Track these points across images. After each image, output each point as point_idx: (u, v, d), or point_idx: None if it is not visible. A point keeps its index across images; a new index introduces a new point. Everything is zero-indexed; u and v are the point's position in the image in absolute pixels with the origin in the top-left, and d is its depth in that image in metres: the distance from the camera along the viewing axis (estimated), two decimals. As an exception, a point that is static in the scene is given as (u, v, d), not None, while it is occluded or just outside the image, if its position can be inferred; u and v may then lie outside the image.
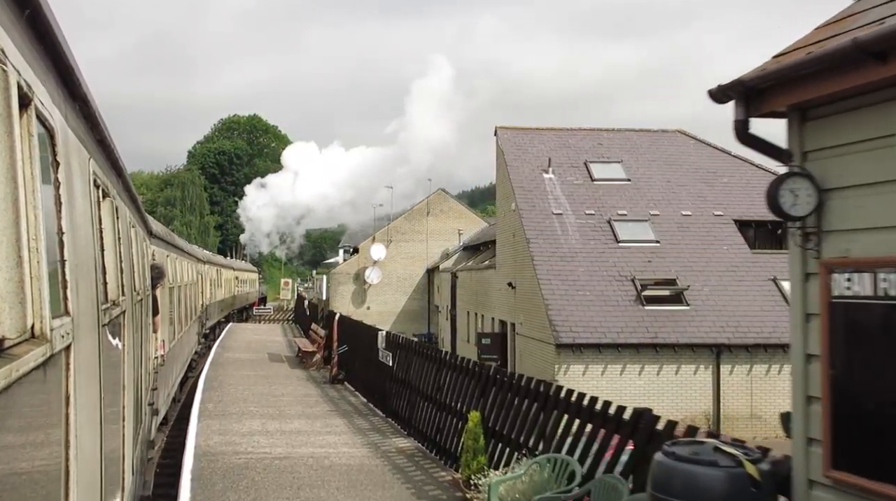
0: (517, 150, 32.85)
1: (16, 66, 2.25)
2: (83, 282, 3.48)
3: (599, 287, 26.58)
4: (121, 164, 6.23)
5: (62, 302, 2.93)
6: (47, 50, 2.87)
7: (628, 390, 24.63)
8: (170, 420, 16.88)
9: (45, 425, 2.57)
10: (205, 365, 22.82)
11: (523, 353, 28.93)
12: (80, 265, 3.41)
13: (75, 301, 3.11)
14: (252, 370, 22.08)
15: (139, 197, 9.52)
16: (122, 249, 5.73)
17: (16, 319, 2.19)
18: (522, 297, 29.28)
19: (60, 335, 2.70)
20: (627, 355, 24.72)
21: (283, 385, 19.14)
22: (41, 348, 2.36)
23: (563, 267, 27.35)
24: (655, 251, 28.21)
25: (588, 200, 30.40)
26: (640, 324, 25.26)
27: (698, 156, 33.09)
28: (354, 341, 19.00)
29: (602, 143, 33.75)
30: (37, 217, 2.40)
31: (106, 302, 4.43)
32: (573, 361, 24.71)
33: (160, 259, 12.53)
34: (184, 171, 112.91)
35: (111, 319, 4.64)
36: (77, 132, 3.65)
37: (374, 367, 16.41)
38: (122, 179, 6.69)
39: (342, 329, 19.97)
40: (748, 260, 27.84)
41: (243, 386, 18.56)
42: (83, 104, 3.81)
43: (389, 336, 14.76)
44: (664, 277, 27.19)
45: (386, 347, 14.63)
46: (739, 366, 24.84)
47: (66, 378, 2.90)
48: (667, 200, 30.58)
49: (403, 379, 13.65)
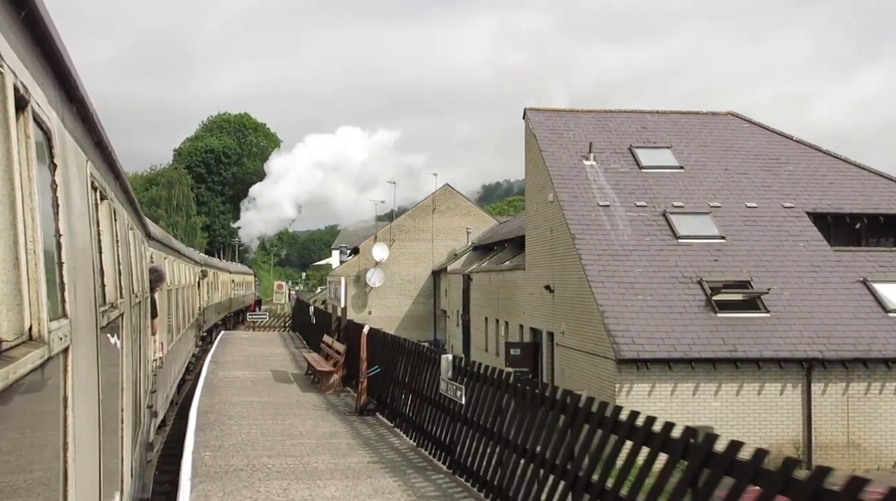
0: (551, 135, 28.84)
1: (12, 67, 2.27)
2: (81, 285, 3.47)
3: (661, 290, 22.60)
4: (118, 166, 6.11)
5: (60, 305, 2.93)
6: (44, 52, 2.85)
7: (703, 413, 20.69)
8: (168, 423, 16.82)
9: (43, 427, 2.58)
10: (196, 389, 18.64)
11: (567, 368, 24.90)
12: (79, 267, 3.41)
13: (73, 303, 3.12)
14: (256, 394, 17.93)
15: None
16: (121, 252, 5.70)
17: (13, 321, 2.20)
18: (564, 302, 25.27)
19: (58, 337, 2.71)
20: (702, 372, 20.75)
21: (300, 417, 15.00)
22: (39, 350, 2.35)
23: (617, 267, 23.36)
24: (721, 248, 24.26)
25: (637, 190, 26.43)
26: (713, 335, 21.30)
27: (756, 140, 29.18)
28: (389, 360, 14.92)
29: (646, 127, 29.79)
30: (34, 219, 2.42)
31: (104, 305, 4.38)
32: (637, 379, 20.73)
33: (158, 261, 12.57)
34: (170, 170, 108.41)
35: (109, 321, 4.61)
36: (74, 134, 3.64)
37: (425, 400, 12.31)
38: (120, 181, 6.61)
39: (373, 345, 15.86)
40: (829, 258, 23.92)
41: (248, 422, 14.42)
42: (80, 106, 3.78)
43: (459, 362, 10.68)
44: (734, 278, 23.24)
45: (454, 377, 10.56)
46: (833, 385, 20.90)
47: (64, 380, 2.89)
48: (727, 190, 26.65)
49: (487, 427, 9.57)
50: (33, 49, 2.69)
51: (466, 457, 10.16)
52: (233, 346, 31.08)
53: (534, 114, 29.93)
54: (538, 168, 28.49)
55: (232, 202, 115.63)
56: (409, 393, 13.28)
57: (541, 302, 28.05)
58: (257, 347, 30.89)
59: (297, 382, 20.13)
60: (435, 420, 11.68)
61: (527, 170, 30.40)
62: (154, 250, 12.29)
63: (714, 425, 20.32)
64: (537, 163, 28.58)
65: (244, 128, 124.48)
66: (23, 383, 2.16)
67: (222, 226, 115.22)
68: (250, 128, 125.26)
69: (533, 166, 29.47)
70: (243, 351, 29.15)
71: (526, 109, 30.24)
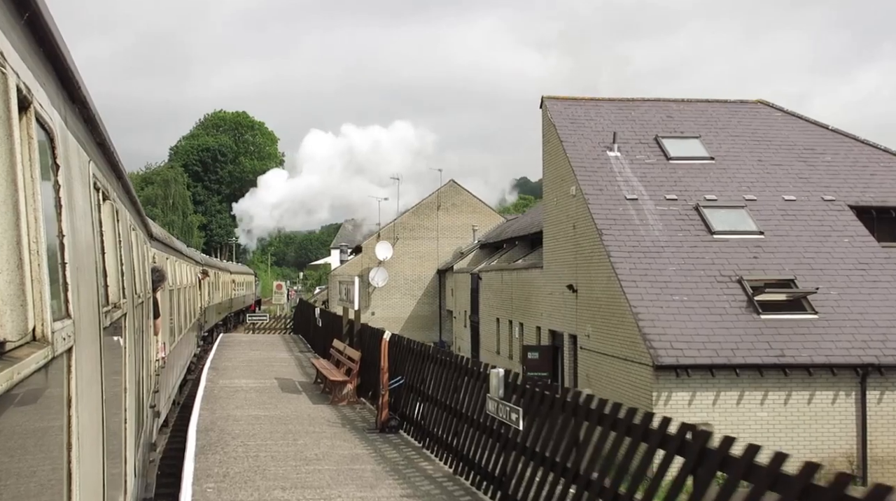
0: (571, 124, 27.07)
1: (15, 68, 2.26)
2: (84, 285, 3.45)
3: (698, 290, 20.86)
4: (121, 167, 6.07)
5: (63, 305, 2.91)
6: (47, 52, 2.85)
7: (748, 425, 18.97)
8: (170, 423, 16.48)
9: (46, 427, 2.56)
10: (195, 400, 16.82)
11: (593, 374, 23.15)
12: (82, 268, 3.39)
13: (77, 304, 3.11)
14: (262, 407, 16.13)
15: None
16: (123, 252, 5.69)
17: (17, 321, 2.19)
18: (590, 303, 23.52)
19: (62, 337, 2.69)
20: (747, 379, 19.00)
21: (313, 436, 13.19)
22: (43, 350, 2.35)
23: (649, 264, 21.61)
24: (760, 244, 22.52)
25: (666, 183, 24.69)
26: (758, 338, 19.56)
27: (789, 130, 27.44)
28: (415, 371, 13.14)
29: (672, 116, 28.04)
30: (37, 219, 2.41)
31: (107, 305, 4.37)
32: (676, 387, 18.98)
33: (160, 262, 12.53)
34: (166, 169, 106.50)
35: (112, 322, 4.58)
36: (77, 135, 3.62)
37: (464, 421, 10.52)
38: (123, 182, 6.54)
39: (394, 353, 14.05)
40: (878, 254, 22.19)
41: (256, 442, 12.62)
42: (83, 107, 3.75)
43: (514, 379, 8.89)
44: (776, 277, 21.50)
45: (506, 396, 8.78)
46: (891, 393, 19.17)
47: (67, 380, 2.88)
48: (762, 182, 24.91)
49: (556, 460, 7.78)
50: (36, 50, 2.69)
51: (525, 494, 8.37)
52: (232, 350, 29.24)
53: (552, 103, 28.16)
54: (558, 159, 26.72)
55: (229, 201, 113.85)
56: (441, 411, 11.48)
57: (562, 303, 26.29)
58: (259, 351, 29.05)
59: (306, 392, 18.33)
60: (479, 445, 9.87)
61: (545, 162, 28.62)
62: (156, 251, 12.33)
63: (760, 437, 18.59)
64: (557, 154, 26.83)
65: (241, 126, 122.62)
66: (26, 383, 2.15)
67: (219, 225, 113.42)
68: (247, 126, 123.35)
69: (552, 158, 27.70)
70: (244, 355, 27.31)
71: (543, 98, 28.47)
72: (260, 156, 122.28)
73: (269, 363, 24.76)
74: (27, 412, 2.25)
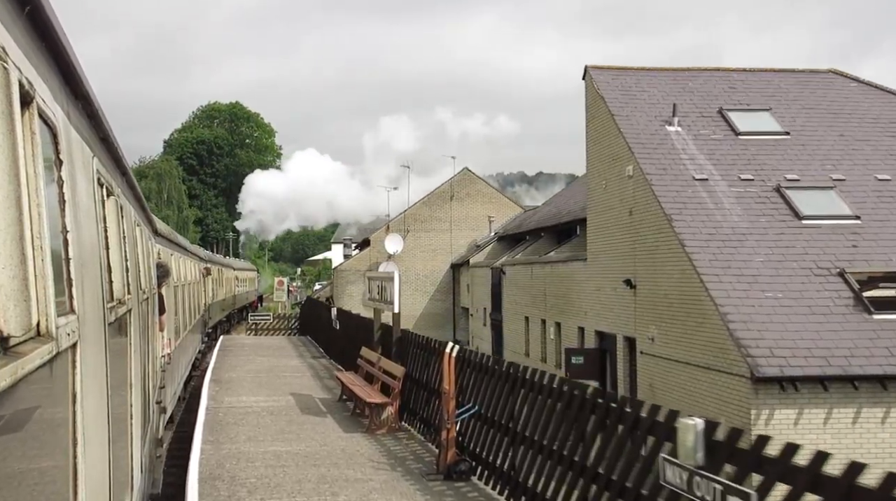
0: (623, 96, 23.67)
1: (17, 63, 2.23)
2: (88, 281, 3.42)
3: (793, 285, 17.51)
4: (125, 163, 6.04)
5: (68, 301, 2.88)
6: (49, 47, 2.81)
7: (866, 448, 15.61)
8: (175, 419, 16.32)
9: (52, 423, 2.53)
10: (195, 432, 13.33)
11: (659, 384, 19.77)
12: (86, 263, 3.36)
13: (81, 299, 3.07)
14: (281, 438, 12.66)
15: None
16: (128, 248, 5.66)
17: (21, 317, 2.15)
18: (655, 300, 20.15)
19: (66, 333, 2.65)
20: (866, 393, 15.67)
21: (357, 487, 9.73)
22: (47, 346, 2.31)
23: (731, 255, 18.26)
24: (858, 231, 19.17)
25: (738, 161, 21.32)
26: (874, 343, 16.22)
27: (870, 102, 24.07)
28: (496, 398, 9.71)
29: (735, 87, 24.64)
30: (40, 215, 2.38)
31: (112, 301, 4.33)
32: (779, 404, 15.63)
33: (165, 258, 12.49)
34: (160, 162, 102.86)
35: (117, 317, 4.56)
36: (80, 130, 3.59)
37: (611, 488, 7.10)
38: (126, 177, 6.50)
39: (465, 373, 10.60)
40: None
41: (277, 499, 9.21)
42: (86, 102, 3.74)
43: (728, 436, 5.49)
44: (883, 269, 18.16)
45: (709, 464, 5.38)
46: None
47: (72, 376, 2.84)
48: (849, 160, 21.55)
49: None
50: (38, 44, 2.65)
51: None
52: (236, 357, 25.73)
53: (598, 73, 24.74)
54: (609, 136, 23.31)
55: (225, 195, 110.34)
56: (553, 462, 8.04)
57: (614, 300, 22.92)
58: (266, 357, 25.54)
59: (332, 414, 14.89)
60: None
61: (589, 140, 25.19)
62: (161, 247, 12.21)
63: (882, 462, 15.31)
64: (606, 130, 23.42)
65: (236, 117, 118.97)
66: (31, 379, 2.11)
67: (216, 219, 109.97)
68: (242, 117, 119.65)
69: (599, 135, 24.28)
70: (250, 363, 23.82)
71: (587, 67, 25.05)
72: (257, 149, 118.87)
73: (280, 373, 21.29)
74: (32, 407, 2.21)
